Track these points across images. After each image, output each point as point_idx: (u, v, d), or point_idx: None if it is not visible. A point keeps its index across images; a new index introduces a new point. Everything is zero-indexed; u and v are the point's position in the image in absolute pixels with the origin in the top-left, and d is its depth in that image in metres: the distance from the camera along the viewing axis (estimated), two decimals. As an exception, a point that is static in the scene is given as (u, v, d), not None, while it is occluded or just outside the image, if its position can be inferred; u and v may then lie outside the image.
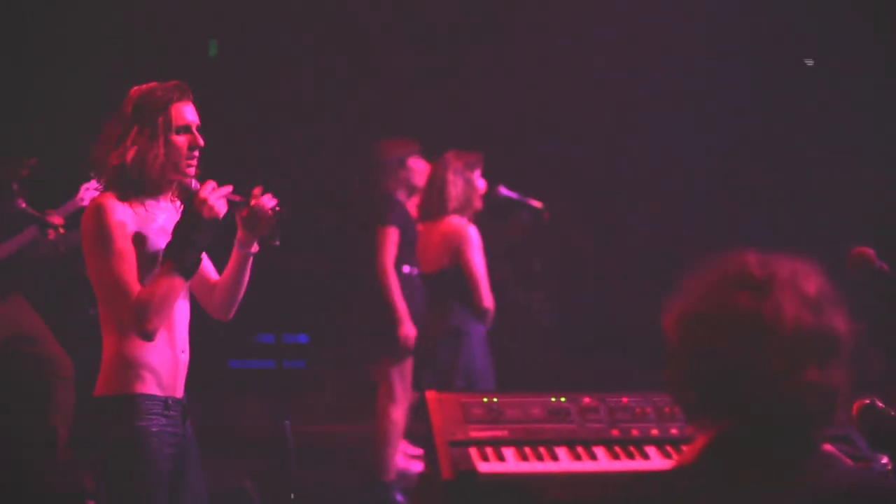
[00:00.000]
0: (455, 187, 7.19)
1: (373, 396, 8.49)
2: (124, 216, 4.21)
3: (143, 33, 10.05)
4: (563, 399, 4.56)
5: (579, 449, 4.39)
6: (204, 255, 4.52)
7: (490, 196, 7.42)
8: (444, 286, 7.27)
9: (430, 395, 4.47)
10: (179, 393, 4.41)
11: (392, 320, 7.85)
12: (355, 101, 11.07)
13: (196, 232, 4.18)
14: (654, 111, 10.45)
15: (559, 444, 4.40)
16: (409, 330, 7.89)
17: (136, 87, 4.35)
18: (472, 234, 7.13)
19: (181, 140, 4.29)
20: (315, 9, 10.73)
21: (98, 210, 4.19)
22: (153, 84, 4.35)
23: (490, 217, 7.65)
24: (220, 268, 4.65)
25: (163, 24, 10.20)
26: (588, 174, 10.77)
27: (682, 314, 2.51)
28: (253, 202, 4.36)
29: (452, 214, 7.21)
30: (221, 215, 4.22)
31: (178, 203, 4.47)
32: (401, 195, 8.12)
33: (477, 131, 9.87)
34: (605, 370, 9.27)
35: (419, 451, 8.38)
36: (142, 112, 4.25)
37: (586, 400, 4.57)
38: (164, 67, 4.76)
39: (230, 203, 4.32)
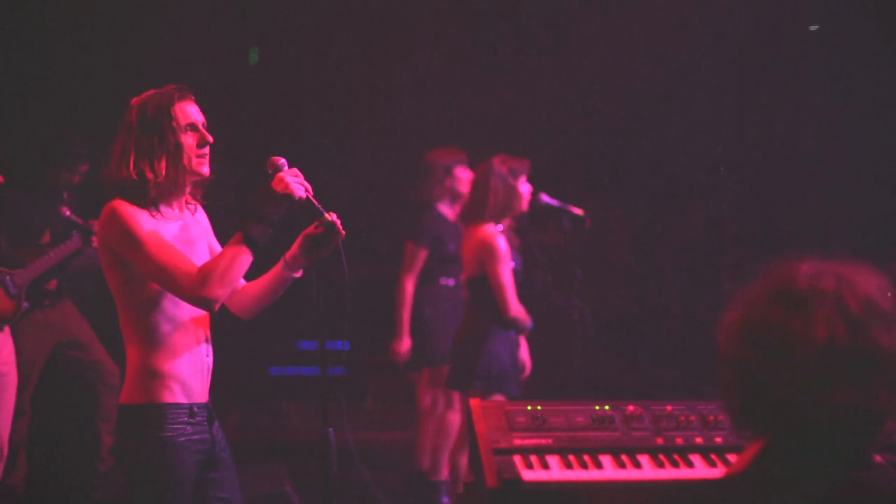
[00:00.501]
0: (495, 194, 7.17)
1: (412, 403, 8.56)
2: (140, 214, 4.18)
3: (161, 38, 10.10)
4: (606, 407, 4.56)
5: (624, 457, 4.39)
6: None
7: (531, 203, 7.41)
8: (473, 291, 7.29)
9: (474, 402, 4.48)
10: (205, 398, 4.38)
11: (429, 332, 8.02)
12: (390, 106, 11.07)
13: (268, 205, 4.15)
14: (696, 114, 10.39)
15: (603, 452, 4.40)
16: (399, 346, 8.08)
17: (135, 98, 4.33)
18: (500, 245, 7.10)
19: (189, 139, 4.27)
20: (341, 12, 10.74)
21: (113, 212, 4.15)
22: (151, 91, 4.33)
23: (532, 224, 7.64)
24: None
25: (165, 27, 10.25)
26: (630, 179, 10.73)
27: (729, 324, 2.50)
28: (328, 217, 4.30)
29: (487, 222, 7.19)
30: (296, 196, 4.16)
31: (195, 208, 4.47)
32: (444, 204, 8.19)
33: (515, 136, 9.85)
34: (649, 378, 9.25)
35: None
36: (144, 118, 4.23)
37: (630, 408, 4.58)
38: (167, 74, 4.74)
39: (309, 208, 4.29)
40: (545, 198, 7.68)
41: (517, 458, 4.26)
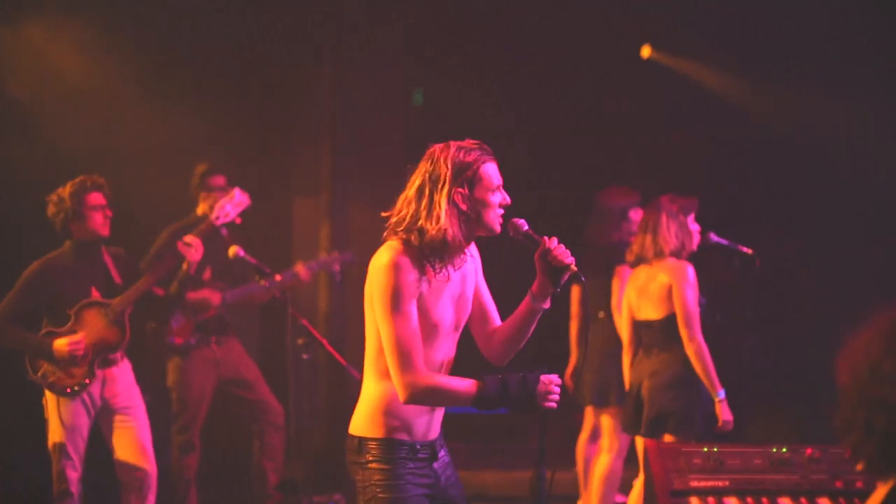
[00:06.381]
0: (668, 232, 7.04)
1: (572, 443, 8.50)
2: (416, 277, 4.23)
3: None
4: (784, 450, 4.49)
5: (802, 500, 4.32)
6: (489, 299, 4.57)
7: (700, 242, 7.28)
8: (666, 333, 7.06)
9: (650, 444, 4.44)
10: (432, 436, 4.46)
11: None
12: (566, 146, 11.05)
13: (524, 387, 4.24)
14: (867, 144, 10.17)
15: (782, 494, 4.34)
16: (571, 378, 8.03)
17: (437, 147, 4.35)
18: (691, 273, 6.94)
19: (495, 199, 4.34)
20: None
21: (393, 267, 4.19)
22: (454, 143, 4.36)
23: (700, 263, 7.51)
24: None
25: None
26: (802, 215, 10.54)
27: (854, 364, 2.47)
28: (548, 246, 4.30)
29: (670, 257, 7.04)
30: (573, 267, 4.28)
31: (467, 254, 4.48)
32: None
33: (691, 176, 9.78)
34: (823, 420, 9.00)
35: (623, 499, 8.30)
36: (459, 174, 4.27)
37: (808, 451, 4.50)
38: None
39: (528, 239, 4.36)
40: (714, 237, 7.54)
41: (694, 500, 4.22)
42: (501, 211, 4.35)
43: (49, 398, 6.95)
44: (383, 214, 4.37)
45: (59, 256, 7.07)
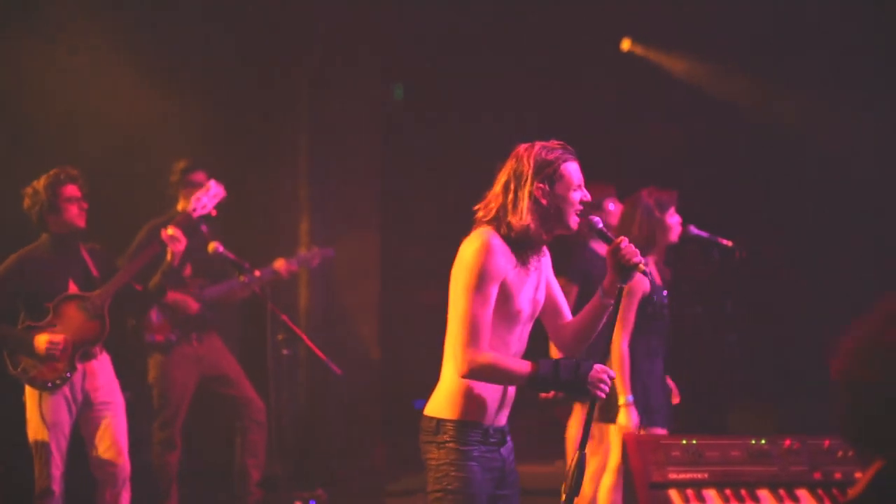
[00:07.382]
0: (640, 227, 7.04)
1: (558, 437, 8.50)
2: (504, 264, 4.38)
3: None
4: (763, 441, 4.49)
5: (781, 492, 4.32)
6: (560, 293, 4.73)
7: (681, 235, 7.26)
8: None
9: (629, 436, 4.45)
10: (503, 421, 4.58)
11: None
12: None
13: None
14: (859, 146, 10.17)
15: (760, 486, 4.34)
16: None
17: (523, 145, 4.53)
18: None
19: (575, 196, 4.49)
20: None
21: (484, 248, 4.35)
22: (539, 143, 4.53)
23: (679, 257, 7.53)
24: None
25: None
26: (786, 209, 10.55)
27: (850, 347, 2.49)
28: (621, 247, 4.43)
29: None
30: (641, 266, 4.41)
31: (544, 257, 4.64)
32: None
33: (669, 171, 9.77)
34: (803, 412, 9.04)
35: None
36: (541, 170, 4.45)
37: (787, 442, 4.50)
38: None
39: (601, 236, 4.56)
40: (694, 229, 7.52)
41: (673, 493, 4.22)
42: (580, 209, 4.51)
43: (30, 395, 6.92)
44: (473, 208, 4.56)
45: (35, 249, 7.04)
